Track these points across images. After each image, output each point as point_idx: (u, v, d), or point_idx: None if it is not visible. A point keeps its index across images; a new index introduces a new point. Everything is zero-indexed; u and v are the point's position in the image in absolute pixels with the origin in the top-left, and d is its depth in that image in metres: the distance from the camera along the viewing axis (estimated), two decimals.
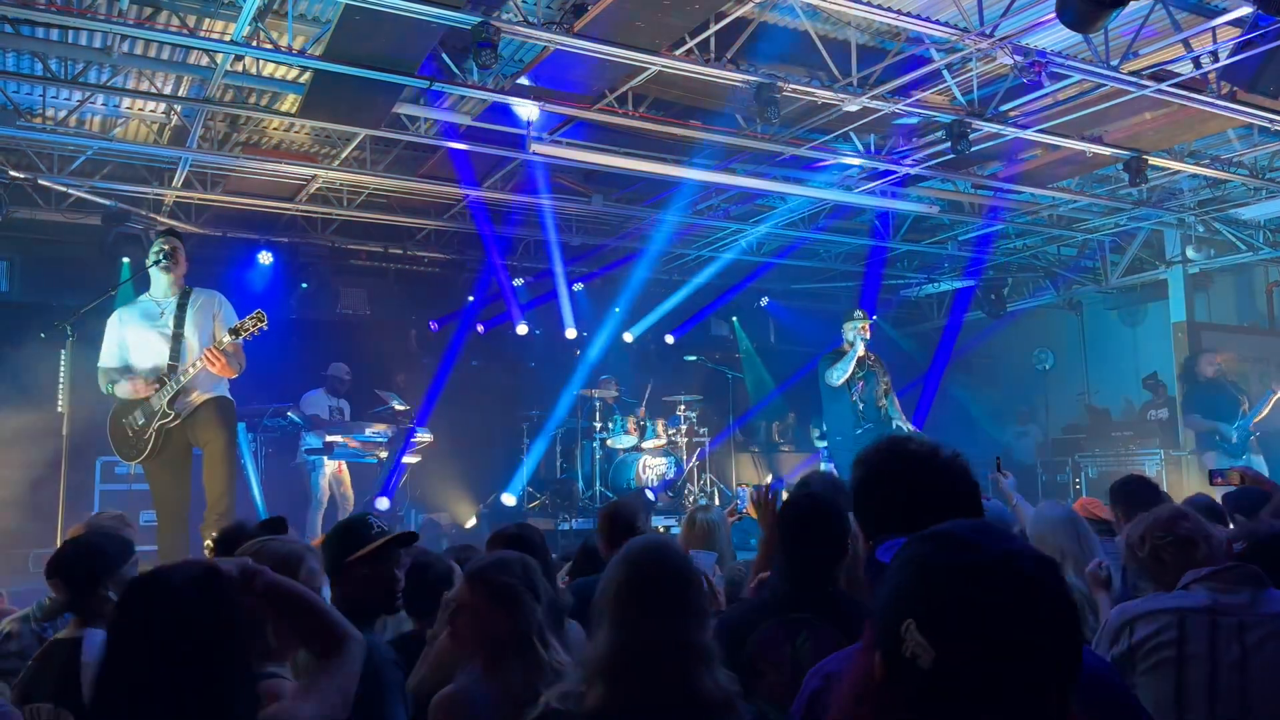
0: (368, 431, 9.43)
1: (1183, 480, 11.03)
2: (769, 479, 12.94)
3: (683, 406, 12.07)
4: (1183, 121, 8.44)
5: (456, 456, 11.11)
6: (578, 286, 12.94)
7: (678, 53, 6.93)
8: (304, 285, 11.63)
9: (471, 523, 10.86)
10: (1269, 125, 8.32)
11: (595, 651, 2.17)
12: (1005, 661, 1.13)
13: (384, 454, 9.56)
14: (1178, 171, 9.89)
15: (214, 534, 4.90)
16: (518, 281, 12.53)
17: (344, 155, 9.25)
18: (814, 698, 1.82)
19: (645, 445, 11.87)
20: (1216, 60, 7.25)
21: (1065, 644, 1.18)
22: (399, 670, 2.78)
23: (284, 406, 9.24)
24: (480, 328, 12.64)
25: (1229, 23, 6.86)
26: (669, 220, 11.44)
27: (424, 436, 9.87)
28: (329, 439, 9.21)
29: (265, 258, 11.04)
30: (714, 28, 6.84)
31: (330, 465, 9.52)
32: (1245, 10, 6.43)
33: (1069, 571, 3.73)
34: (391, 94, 7.56)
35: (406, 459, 9.72)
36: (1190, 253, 12.10)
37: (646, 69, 7.18)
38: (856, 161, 9.51)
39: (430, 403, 11.18)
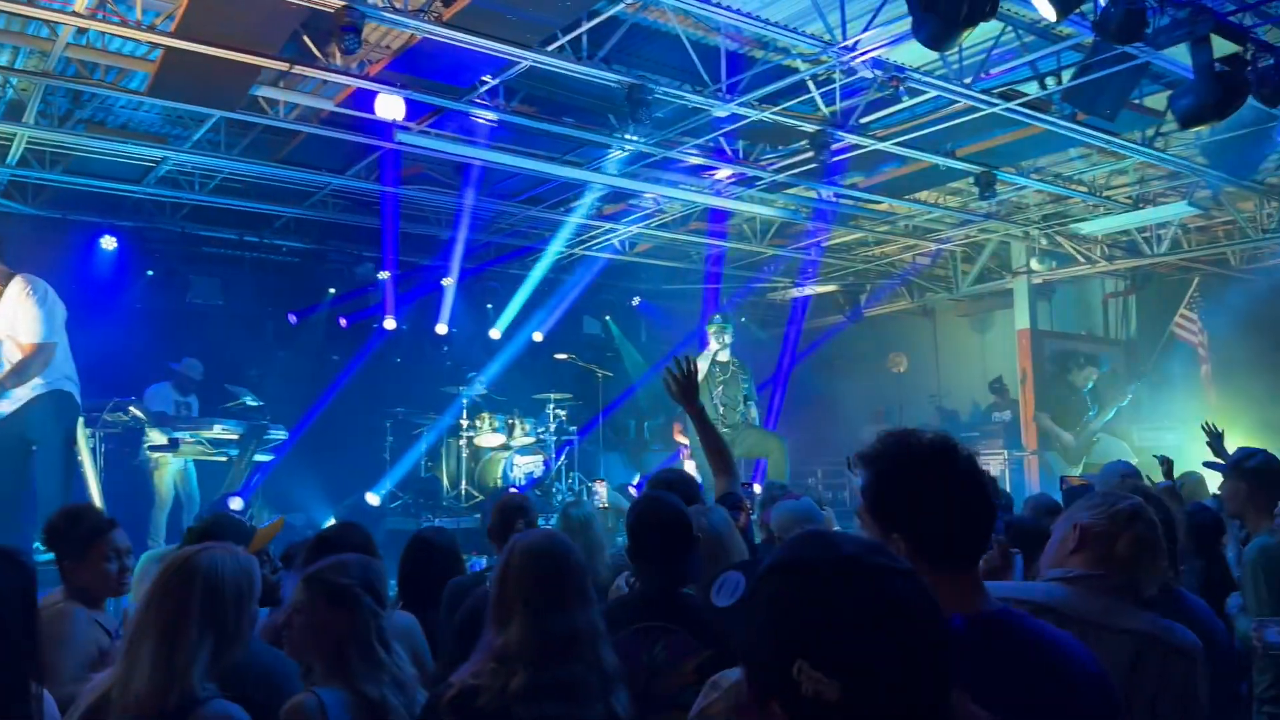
0: (217, 429, 8.99)
1: (1023, 480, 11.65)
2: (637, 478, 13.02)
3: (552, 404, 12.01)
4: (1029, 139, 8.91)
5: (314, 455, 10.74)
6: (447, 281, 12.72)
7: (549, 48, 6.88)
8: (150, 273, 11.07)
9: (329, 523, 10.53)
10: (1105, 146, 8.87)
11: (513, 638, 2.28)
12: (900, 657, 1.13)
13: (234, 452, 9.15)
14: (1024, 187, 10.44)
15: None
16: (383, 275, 12.22)
17: (197, 137, 8.84)
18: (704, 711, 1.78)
19: (514, 443, 11.76)
20: (1060, 83, 7.68)
21: (934, 617, 1.18)
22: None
23: (125, 401, 8.72)
24: (343, 321, 12.27)
25: (1071, 48, 7.28)
26: (542, 217, 11.39)
27: (278, 434, 9.50)
28: (174, 436, 8.75)
29: (108, 242, 10.47)
30: (586, 26, 6.83)
31: (175, 464, 9.06)
32: (1087, 37, 6.82)
33: None
34: (248, 75, 7.24)
35: (260, 457, 9.33)
36: (1034, 264, 12.80)
37: (518, 63, 7.11)
38: (727, 171, 9.68)
39: (290, 400, 10.79)
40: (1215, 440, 5.71)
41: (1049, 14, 5.57)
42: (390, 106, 7.48)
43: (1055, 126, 8.17)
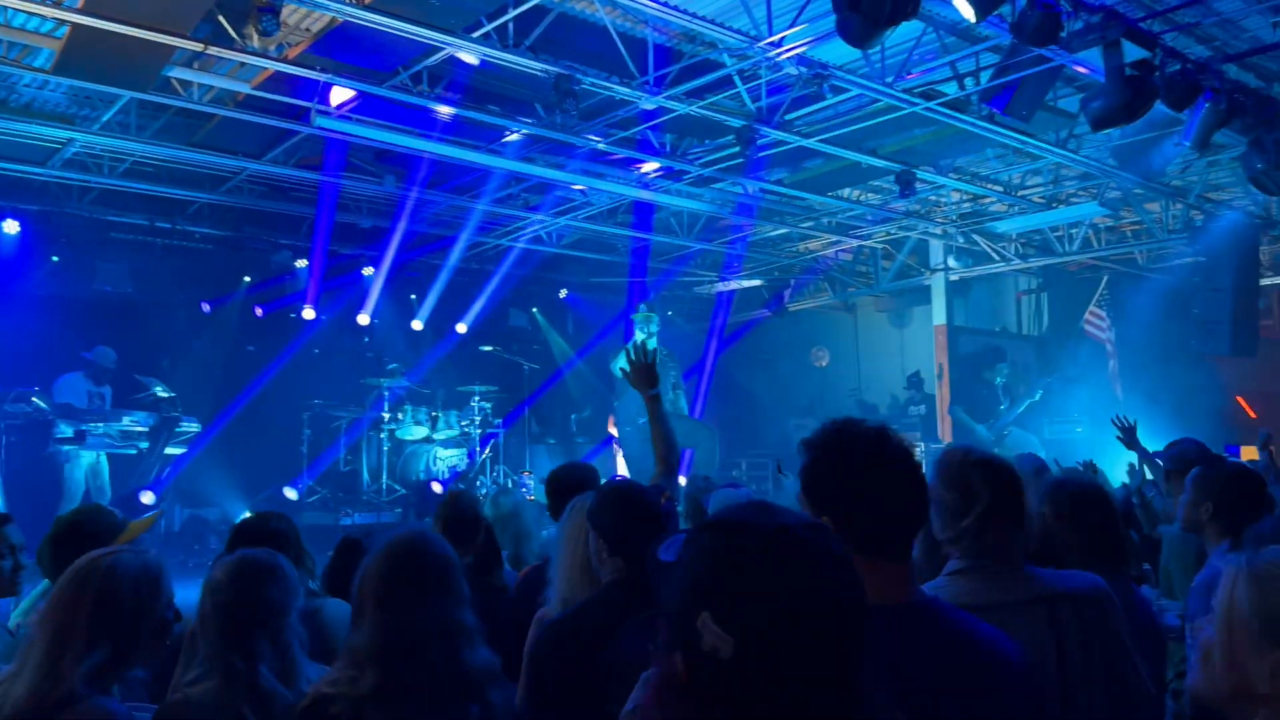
0: (126, 420, 8.70)
1: None
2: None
3: (477, 397, 11.90)
4: (948, 138, 9.10)
5: (229, 448, 10.46)
6: (368, 270, 12.50)
7: (474, 35, 6.79)
8: (55, 258, 10.66)
9: (244, 517, 10.27)
10: (1021, 146, 9.10)
11: (363, 638, 2.19)
12: (802, 631, 1.13)
13: (145, 445, 8.85)
14: (942, 185, 10.66)
15: None
16: (301, 263, 11.94)
17: (106, 119, 8.51)
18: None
19: (437, 436, 11.63)
20: (978, 83, 7.85)
21: (853, 604, 1.18)
22: None
23: (27, 390, 8.37)
24: (258, 310, 11.95)
25: (989, 49, 7.46)
26: (467, 207, 11.24)
27: (191, 426, 9.22)
28: (82, 428, 8.43)
29: (11, 226, 10.09)
30: (512, 13, 6.75)
31: (87, 457, 8.74)
32: (1005, 39, 6.99)
33: None
34: (161, 55, 6.99)
35: (172, 450, 9.05)
36: (951, 261, 13.10)
37: (442, 49, 7.00)
38: (654, 165, 9.67)
39: (203, 392, 10.48)
40: (1127, 434, 5.79)
41: (969, 15, 5.69)
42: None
43: (973, 126, 8.35)
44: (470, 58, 6.90)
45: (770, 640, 1.13)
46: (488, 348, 12.81)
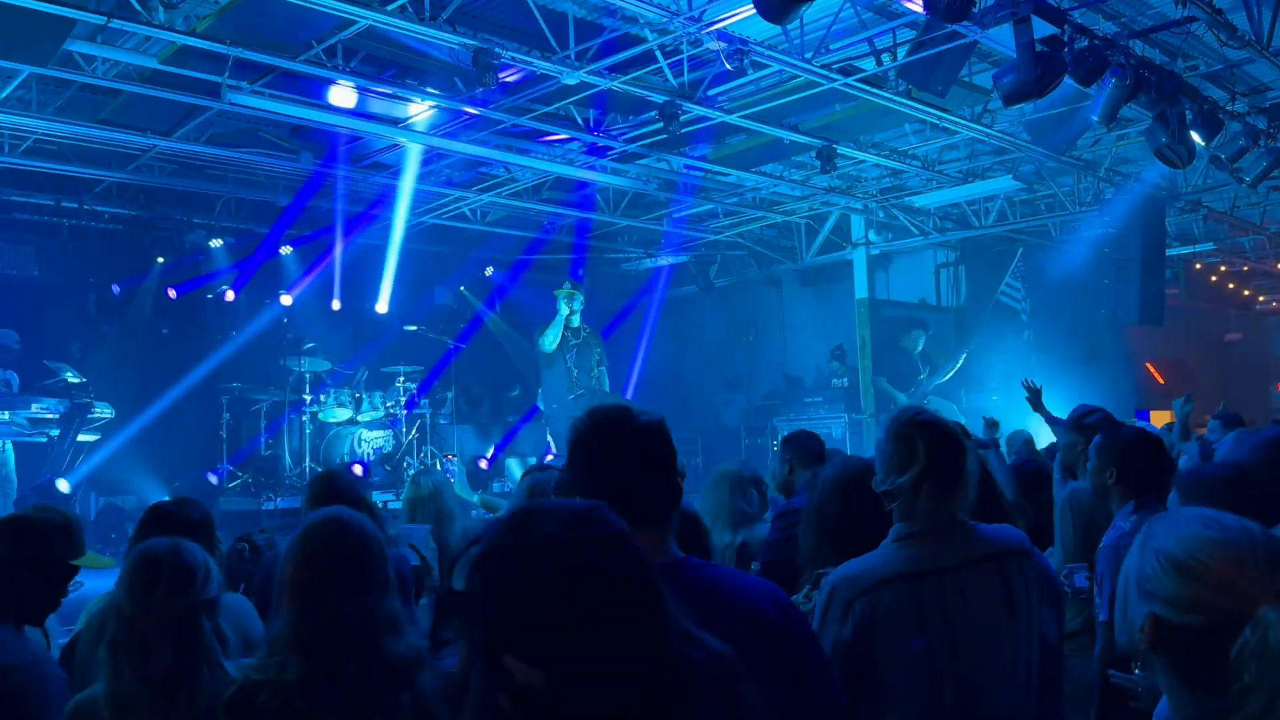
0: (35, 407, 8.41)
1: (863, 441, 12.16)
2: (490, 451, 12.98)
3: (402, 377, 11.75)
4: (868, 114, 9.21)
5: (145, 433, 10.17)
6: (286, 250, 12.21)
7: (389, 8, 6.65)
8: None
9: (155, 503, 10.00)
10: (938, 122, 9.27)
11: (281, 629, 2.15)
12: (603, 643, 1.13)
13: (55, 432, 8.57)
14: (862, 160, 10.81)
15: None
16: (216, 243, 11.60)
17: (5, 94, 8.14)
18: None
19: (361, 418, 11.47)
20: (895, 59, 7.96)
21: (640, 587, 1.18)
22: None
23: None
24: (171, 293, 11.59)
25: (906, 25, 7.56)
26: (385, 184, 11.05)
27: (104, 412, 8.94)
28: None
29: None
30: None
31: None
32: (920, 14, 7.09)
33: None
34: (61, 29, 6.72)
35: (85, 437, 8.78)
36: (872, 236, 13.31)
37: (357, 22, 6.85)
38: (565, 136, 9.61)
39: (117, 376, 10.16)
40: (1034, 397, 6.01)
41: None
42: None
43: (891, 102, 8.47)
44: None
45: (571, 655, 1.12)
46: (411, 327, 12.64)
